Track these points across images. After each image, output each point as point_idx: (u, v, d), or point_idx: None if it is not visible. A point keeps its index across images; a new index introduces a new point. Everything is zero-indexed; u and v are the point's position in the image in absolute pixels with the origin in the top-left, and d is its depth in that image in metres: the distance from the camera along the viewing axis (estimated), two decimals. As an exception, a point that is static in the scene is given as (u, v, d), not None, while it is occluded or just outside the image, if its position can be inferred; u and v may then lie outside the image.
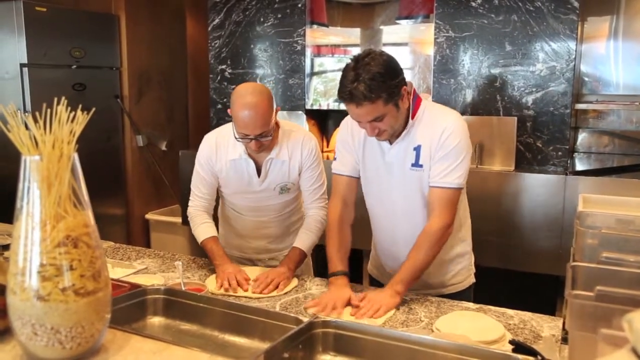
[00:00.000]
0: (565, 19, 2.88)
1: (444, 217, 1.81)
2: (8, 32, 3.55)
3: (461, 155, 1.81)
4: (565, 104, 2.95)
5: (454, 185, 1.80)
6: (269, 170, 2.12)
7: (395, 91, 1.72)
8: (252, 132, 1.95)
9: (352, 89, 1.67)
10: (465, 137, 1.83)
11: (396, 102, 1.73)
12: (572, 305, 1.08)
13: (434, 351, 1.29)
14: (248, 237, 2.27)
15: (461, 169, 1.81)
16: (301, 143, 2.13)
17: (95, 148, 3.93)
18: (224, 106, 3.83)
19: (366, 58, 1.70)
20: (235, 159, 2.11)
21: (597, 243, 1.51)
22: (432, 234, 1.80)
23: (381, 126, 1.76)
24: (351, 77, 1.68)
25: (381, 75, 1.67)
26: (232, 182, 2.16)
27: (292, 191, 2.20)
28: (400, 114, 1.78)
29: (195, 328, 1.55)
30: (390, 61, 1.73)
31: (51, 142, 1.07)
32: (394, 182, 1.91)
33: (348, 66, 1.72)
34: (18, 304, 1.06)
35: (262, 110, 1.92)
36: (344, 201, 2.00)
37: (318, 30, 3.71)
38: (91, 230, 1.11)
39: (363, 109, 1.70)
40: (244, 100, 1.92)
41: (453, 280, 2.01)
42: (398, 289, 1.77)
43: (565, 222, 2.78)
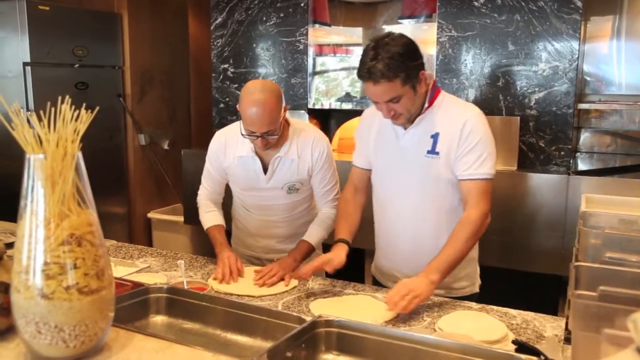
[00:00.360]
0: (568, 18, 2.88)
1: (481, 207, 1.81)
2: (11, 31, 3.56)
3: (489, 147, 1.83)
4: (568, 104, 2.95)
5: (487, 175, 1.82)
6: (277, 168, 2.12)
7: (414, 73, 1.74)
8: (258, 130, 1.95)
9: (370, 67, 1.70)
10: (488, 129, 1.85)
11: (414, 84, 1.75)
12: (575, 305, 1.08)
13: (437, 351, 1.29)
14: (257, 236, 2.29)
15: (491, 159, 1.83)
16: (312, 144, 2.13)
17: (97, 147, 3.93)
18: (226, 105, 3.84)
19: (386, 38, 1.73)
20: (243, 155, 2.12)
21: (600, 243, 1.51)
22: (471, 222, 1.80)
23: (397, 108, 1.78)
24: (371, 56, 1.71)
25: (400, 56, 1.70)
26: (240, 179, 2.19)
27: (301, 192, 2.19)
28: (417, 98, 1.80)
29: (197, 327, 1.55)
30: (410, 43, 1.76)
31: (55, 141, 1.07)
32: (407, 168, 1.91)
33: (368, 46, 1.74)
34: (22, 302, 1.06)
35: (270, 108, 1.93)
36: (355, 187, 2.09)
37: (320, 30, 3.71)
38: (95, 229, 1.11)
39: (380, 87, 1.72)
40: (252, 97, 1.93)
41: (456, 285, 1.99)
42: (434, 278, 1.73)
43: (568, 222, 2.78)
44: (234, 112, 3.81)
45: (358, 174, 2.09)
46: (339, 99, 3.71)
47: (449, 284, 1.98)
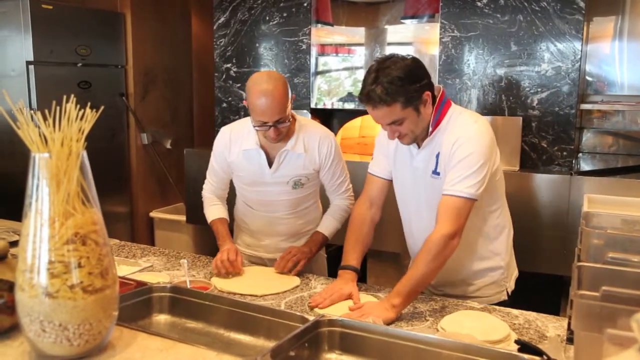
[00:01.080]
0: (571, 19, 2.88)
1: (447, 226, 1.71)
2: (14, 30, 3.57)
3: (475, 165, 1.72)
4: (570, 104, 2.94)
5: (464, 194, 1.71)
6: (283, 162, 2.13)
7: (415, 96, 1.71)
8: (269, 119, 1.96)
9: (369, 91, 1.69)
10: (483, 147, 1.75)
11: (416, 106, 1.72)
12: (578, 305, 1.08)
13: (440, 350, 1.29)
14: (260, 235, 2.29)
15: (473, 179, 1.72)
16: (319, 140, 2.14)
17: (99, 146, 3.94)
18: (228, 105, 3.84)
19: (388, 61, 1.71)
20: (248, 149, 2.14)
21: (602, 243, 1.51)
22: (434, 244, 1.71)
23: (401, 130, 1.75)
24: (371, 79, 1.70)
25: (400, 80, 1.67)
26: (244, 173, 2.19)
27: (306, 187, 2.20)
28: (421, 120, 1.76)
29: (200, 326, 1.56)
30: (412, 66, 1.72)
31: (60, 140, 1.07)
32: (418, 188, 1.90)
33: (370, 68, 1.73)
34: (26, 301, 1.06)
35: (279, 95, 1.94)
36: (370, 201, 2.01)
37: (323, 29, 3.71)
38: (99, 228, 1.11)
39: (379, 111, 1.71)
40: (260, 88, 1.94)
41: (478, 293, 1.95)
42: (395, 302, 1.68)
43: (570, 222, 2.78)
44: (237, 111, 3.81)
45: (377, 184, 2.01)
46: (341, 99, 3.71)
47: (467, 292, 1.95)
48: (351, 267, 1.91)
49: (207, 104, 4.67)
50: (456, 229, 1.72)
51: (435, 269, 1.73)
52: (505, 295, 1.98)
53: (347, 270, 1.90)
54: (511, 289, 2.01)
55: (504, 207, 1.96)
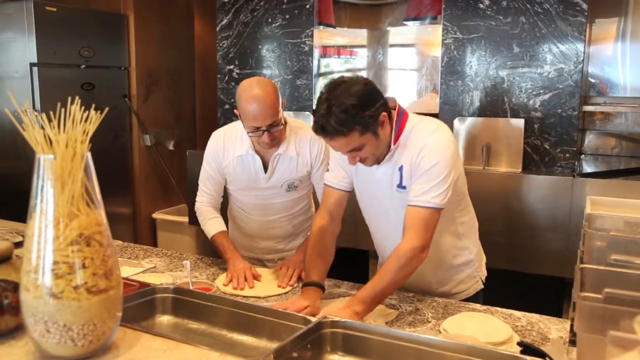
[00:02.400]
0: (574, 20, 2.88)
1: (416, 239, 1.68)
2: (18, 32, 3.58)
3: (441, 175, 1.70)
4: (572, 106, 2.94)
5: (430, 204, 1.69)
6: (276, 166, 2.13)
7: (371, 121, 1.64)
8: (262, 124, 1.94)
9: (323, 123, 1.61)
10: (446, 155, 1.72)
11: (374, 131, 1.66)
12: (581, 307, 1.08)
13: (442, 352, 1.29)
14: (256, 238, 2.29)
15: (439, 188, 1.69)
16: (309, 141, 2.14)
17: (102, 147, 3.95)
18: (231, 106, 3.85)
19: (337, 89, 1.62)
20: (242, 155, 2.12)
21: (605, 245, 1.51)
22: (402, 255, 1.68)
23: (362, 154, 1.70)
24: (323, 110, 1.61)
25: (354, 107, 1.59)
26: (239, 178, 2.18)
27: (299, 189, 2.20)
28: (380, 141, 1.71)
29: (203, 327, 1.56)
30: (365, 90, 1.64)
31: (65, 142, 1.08)
32: (383, 200, 1.86)
33: (321, 96, 1.64)
34: (31, 301, 1.07)
35: (270, 100, 1.93)
36: (330, 214, 1.94)
37: (325, 31, 3.72)
38: (103, 229, 1.12)
39: (337, 142, 1.65)
40: (251, 93, 1.92)
41: (457, 289, 1.98)
42: (357, 309, 1.62)
43: (572, 224, 2.78)
44: (239, 113, 3.82)
45: (335, 196, 1.94)
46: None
47: (449, 289, 1.97)
48: (314, 282, 1.82)
49: (209, 105, 4.67)
50: (425, 242, 1.70)
51: (401, 278, 1.71)
52: (481, 284, 2.02)
53: (310, 287, 1.81)
54: (484, 276, 2.03)
55: (468, 204, 1.96)
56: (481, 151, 3.04)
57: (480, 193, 2.17)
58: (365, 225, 2.06)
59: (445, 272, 1.96)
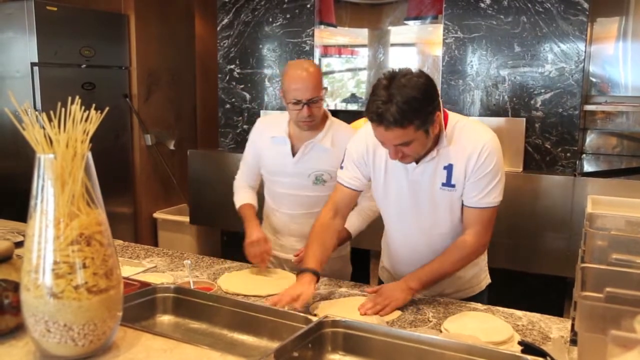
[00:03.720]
0: (575, 20, 2.88)
1: (481, 236, 1.78)
2: (19, 31, 3.58)
3: (498, 175, 1.76)
4: (574, 105, 2.94)
5: (494, 204, 1.78)
6: (307, 153, 2.18)
7: (429, 118, 1.61)
8: (303, 96, 2.05)
9: (383, 111, 1.54)
10: (501, 155, 1.78)
11: (427, 128, 1.62)
12: (582, 307, 1.08)
13: (443, 351, 1.29)
14: (279, 234, 2.33)
15: (499, 187, 1.78)
16: (348, 138, 2.06)
17: (103, 147, 3.95)
18: (232, 106, 3.85)
19: (402, 78, 1.57)
20: (276, 136, 2.23)
21: (606, 245, 1.51)
22: (466, 248, 1.78)
23: (406, 151, 1.65)
24: (384, 97, 1.55)
25: (417, 101, 1.55)
26: (269, 160, 2.27)
27: (327, 186, 2.17)
28: (428, 140, 1.67)
29: (204, 326, 1.56)
30: (429, 85, 1.61)
31: (65, 141, 1.08)
32: (419, 201, 1.82)
33: (380, 83, 1.59)
34: (31, 301, 1.07)
35: (315, 73, 2.09)
36: (336, 210, 1.93)
37: (326, 31, 3.71)
38: (104, 229, 1.12)
39: (391, 133, 1.58)
40: (298, 66, 2.11)
41: (467, 285, 1.97)
42: (412, 285, 1.74)
43: (573, 223, 2.78)
44: (240, 112, 3.82)
45: (345, 194, 1.93)
46: (344, 100, 3.72)
47: (460, 286, 1.96)
48: (309, 269, 1.79)
49: (210, 105, 4.68)
50: (489, 238, 1.81)
51: (458, 269, 1.82)
52: (489, 279, 2.05)
53: (304, 274, 1.78)
54: (488, 281, 2.06)
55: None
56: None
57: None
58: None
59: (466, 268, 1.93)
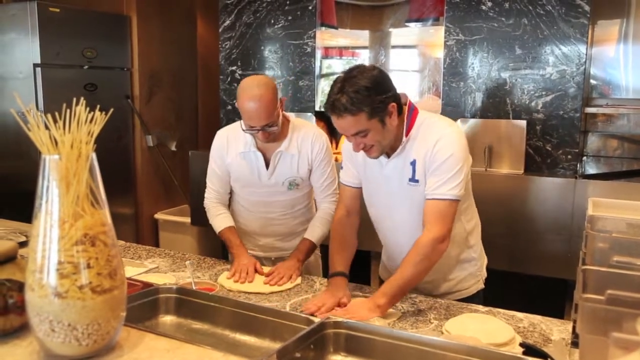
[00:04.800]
0: (576, 22, 2.88)
1: (436, 230, 1.74)
2: (22, 32, 3.59)
3: (456, 166, 1.75)
4: (575, 108, 2.95)
5: (448, 196, 1.74)
6: (278, 163, 2.17)
7: (380, 107, 1.68)
8: (257, 124, 2.01)
9: (334, 100, 1.67)
10: (460, 147, 1.78)
11: (381, 118, 1.70)
12: (583, 309, 1.09)
13: (445, 353, 1.29)
14: (256, 235, 2.31)
15: (456, 180, 1.75)
16: (311, 139, 2.18)
17: (105, 148, 3.88)
18: (233, 107, 3.85)
19: (354, 71, 1.69)
20: (245, 151, 2.17)
21: (607, 247, 1.51)
22: (423, 247, 1.73)
23: (366, 142, 1.73)
24: (336, 89, 1.67)
25: (366, 89, 1.65)
26: (242, 175, 2.21)
27: (301, 188, 2.23)
28: (386, 131, 1.73)
29: (206, 327, 1.57)
30: (379, 77, 1.70)
31: (70, 142, 1.08)
32: (393, 196, 1.88)
33: (337, 78, 1.71)
34: (36, 301, 1.07)
35: (266, 101, 1.98)
36: (347, 210, 2.02)
37: (327, 32, 3.72)
38: (108, 229, 1.12)
39: (344, 121, 1.69)
40: (249, 93, 1.99)
41: (458, 287, 1.99)
42: (380, 303, 1.69)
43: (574, 225, 2.78)
44: (242, 114, 3.82)
45: (349, 193, 2.02)
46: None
47: (451, 287, 1.98)
48: (340, 272, 1.89)
49: (212, 106, 4.68)
50: (444, 232, 1.74)
51: (422, 271, 1.75)
52: (482, 284, 2.04)
53: (336, 277, 1.88)
54: (484, 277, 2.05)
55: (472, 202, 2.00)
56: (483, 153, 3.05)
57: (482, 194, 2.17)
58: (367, 226, 2.06)
59: (450, 268, 1.96)
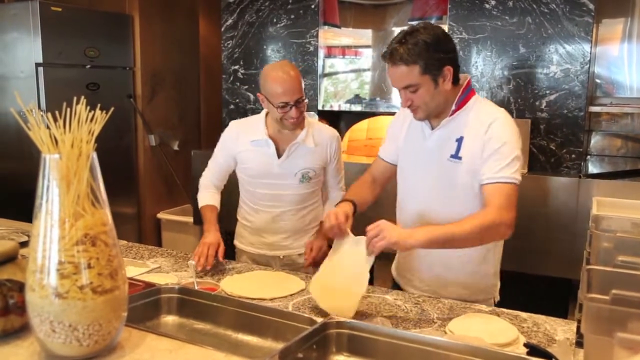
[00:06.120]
0: (580, 21, 2.87)
1: (503, 211, 1.65)
2: (24, 32, 3.59)
3: (514, 151, 1.71)
4: (579, 107, 2.93)
5: (511, 180, 1.69)
6: (292, 154, 2.19)
7: (436, 64, 1.68)
8: (291, 97, 2.05)
9: (393, 49, 1.68)
10: (515, 133, 1.75)
11: (435, 77, 1.69)
12: (588, 309, 1.08)
13: (448, 353, 1.28)
14: (264, 232, 2.31)
15: (515, 164, 1.71)
16: (329, 137, 2.26)
17: (107, 147, 3.90)
18: (236, 106, 3.85)
19: (418, 25, 1.70)
20: (257, 139, 2.20)
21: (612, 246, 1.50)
22: (486, 217, 1.64)
23: (414, 99, 1.72)
24: (398, 38, 1.69)
25: (425, 44, 1.65)
26: (252, 164, 2.23)
27: (312, 183, 2.25)
28: (437, 93, 1.72)
29: (208, 327, 1.56)
30: (442, 36, 1.70)
31: (70, 141, 1.08)
32: (427, 172, 1.85)
33: (402, 31, 1.71)
34: (37, 301, 1.07)
35: (297, 74, 2.07)
36: (373, 177, 2.04)
37: (329, 31, 3.71)
38: (109, 229, 1.12)
39: (398, 70, 1.69)
40: (279, 70, 2.07)
41: (471, 298, 1.90)
42: (417, 236, 1.61)
43: (578, 225, 2.77)
44: (244, 113, 3.82)
45: (381, 166, 2.03)
46: (348, 101, 3.71)
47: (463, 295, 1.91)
48: (346, 199, 1.91)
49: (214, 105, 4.68)
50: (510, 218, 1.66)
51: (473, 239, 1.66)
52: (497, 296, 2.00)
53: (342, 202, 1.89)
54: (497, 300, 1.99)
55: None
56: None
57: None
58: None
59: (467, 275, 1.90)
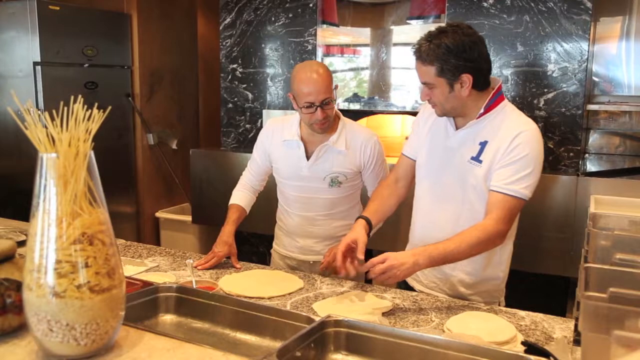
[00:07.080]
0: (578, 19, 2.87)
1: (500, 224, 1.71)
2: (22, 31, 3.59)
3: (531, 166, 1.72)
4: (577, 105, 2.93)
5: (519, 194, 1.72)
6: (322, 156, 2.16)
7: (452, 70, 1.70)
8: (316, 98, 2.02)
9: (420, 44, 1.74)
10: (539, 149, 1.75)
11: (450, 81, 1.72)
12: (585, 307, 1.08)
13: (446, 351, 1.28)
14: (296, 235, 2.31)
15: (529, 180, 1.72)
16: (362, 140, 2.18)
17: (106, 146, 3.96)
18: (234, 105, 3.84)
19: (451, 27, 1.72)
20: (288, 139, 2.19)
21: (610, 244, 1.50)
22: (484, 231, 1.70)
23: (432, 95, 1.78)
24: (427, 35, 1.74)
25: (447, 48, 1.68)
26: (282, 164, 2.24)
27: (343, 188, 2.21)
28: (452, 97, 1.75)
29: (206, 326, 1.56)
30: (468, 44, 1.70)
31: (67, 140, 1.07)
32: (447, 169, 1.85)
33: (438, 27, 1.75)
34: (34, 300, 1.06)
35: (325, 74, 2.05)
36: (397, 177, 2.05)
37: (328, 30, 3.71)
38: (106, 228, 1.11)
39: (417, 65, 1.77)
40: (308, 69, 2.05)
41: (474, 298, 1.92)
42: (420, 262, 1.67)
43: (576, 223, 2.77)
44: (242, 112, 3.82)
45: (404, 163, 2.04)
46: (347, 100, 3.71)
47: (467, 295, 1.92)
48: (362, 216, 1.93)
49: (213, 104, 4.68)
50: (507, 229, 1.74)
51: (473, 253, 1.73)
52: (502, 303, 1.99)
53: (358, 220, 1.92)
54: (502, 305, 1.99)
55: (515, 223, 1.92)
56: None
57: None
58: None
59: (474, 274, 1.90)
